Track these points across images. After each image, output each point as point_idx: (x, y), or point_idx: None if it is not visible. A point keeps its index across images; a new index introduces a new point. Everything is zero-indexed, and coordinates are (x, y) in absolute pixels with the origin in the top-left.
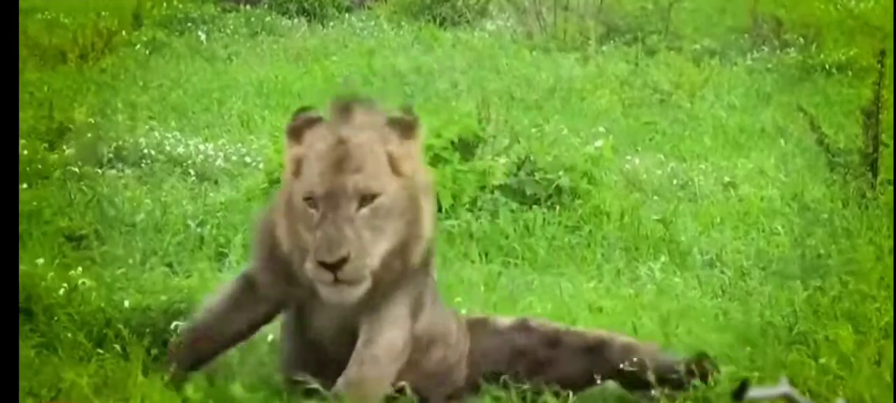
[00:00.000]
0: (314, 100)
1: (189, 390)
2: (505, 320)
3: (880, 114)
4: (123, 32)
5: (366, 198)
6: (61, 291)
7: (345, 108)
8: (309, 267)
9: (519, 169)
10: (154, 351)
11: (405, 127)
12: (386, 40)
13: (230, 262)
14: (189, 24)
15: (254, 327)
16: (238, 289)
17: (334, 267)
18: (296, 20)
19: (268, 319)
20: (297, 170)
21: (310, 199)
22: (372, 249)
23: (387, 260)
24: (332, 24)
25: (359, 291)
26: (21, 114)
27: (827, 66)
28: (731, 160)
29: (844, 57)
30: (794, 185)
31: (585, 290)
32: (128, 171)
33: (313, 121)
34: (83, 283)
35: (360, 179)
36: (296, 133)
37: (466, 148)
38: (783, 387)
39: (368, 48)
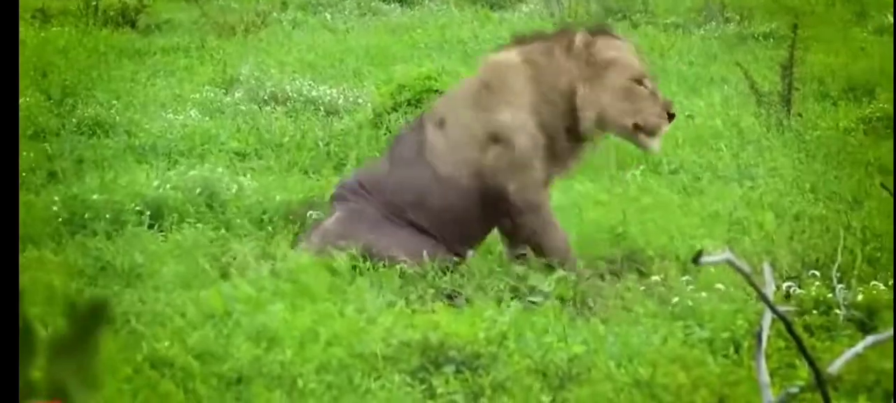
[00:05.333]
0: (404, 58)
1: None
2: None
3: (793, 68)
4: (274, 14)
5: None
6: (233, 190)
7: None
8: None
9: None
10: (296, 231)
11: None
12: (454, 19)
13: (347, 170)
14: (320, 7)
15: None
16: None
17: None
18: (392, 5)
19: None
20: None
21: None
22: None
23: None
24: (416, 7)
25: None
26: (203, 68)
27: (756, 35)
28: (690, 100)
29: (768, 28)
30: (733, 117)
31: (590, 190)
32: (278, 108)
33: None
34: (248, 185)
35: None
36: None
37: None
38: (726, 255)
39: (441, 23)
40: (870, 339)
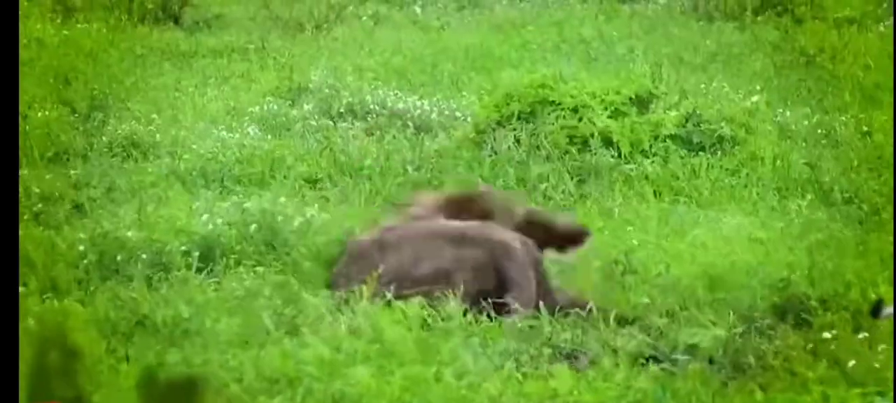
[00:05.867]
0: (512, 61)
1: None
2: None
3: None
4: (351, 7)
5: None
6: (300, 225)
7: None
8: None
9: (687, 121)
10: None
11: None
12: (573, 12)
13: None
14: None
15: None
16: None
17: None
18: None
19: None
20: None
21: None
22: None
23: None
24: None
25: None
26: (264, 75)
27: None
28: (867, 112)
29: None
30: None
31: (743, 224)
32: (357, 124)
33: None
34: (319, 219)
35: None
36: None
37: (642, 103)
38: None
39: (558, 19)
40: None
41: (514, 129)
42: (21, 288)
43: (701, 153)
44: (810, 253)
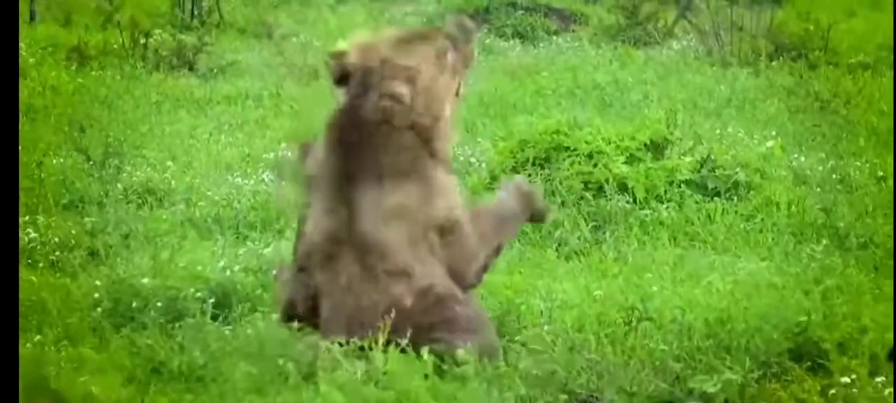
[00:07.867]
0: (526, 107)
1: None
2: None
3: None
4: None
5: None
6: None
7: None
8: None
9: (702, 166)
10: None
11: None
12: (588, 58)
13: None
14: None
15: None
16: None
17: None
18: (511, 42)
19: None
20: None
21: None
22: None
23: None
24: (541, 44)
25: None
26: (278, 121)
27: None
28: (881, 157)
29: None
30: None
31: (759, 269)
32: None
33: None
34: None
35: None
36: None
37: (657, 149)
38: None
39: (572, 65)
40: None
41: (529, 175)
42: (37, 337)
43: (716, 198)
44: (826, 297)
